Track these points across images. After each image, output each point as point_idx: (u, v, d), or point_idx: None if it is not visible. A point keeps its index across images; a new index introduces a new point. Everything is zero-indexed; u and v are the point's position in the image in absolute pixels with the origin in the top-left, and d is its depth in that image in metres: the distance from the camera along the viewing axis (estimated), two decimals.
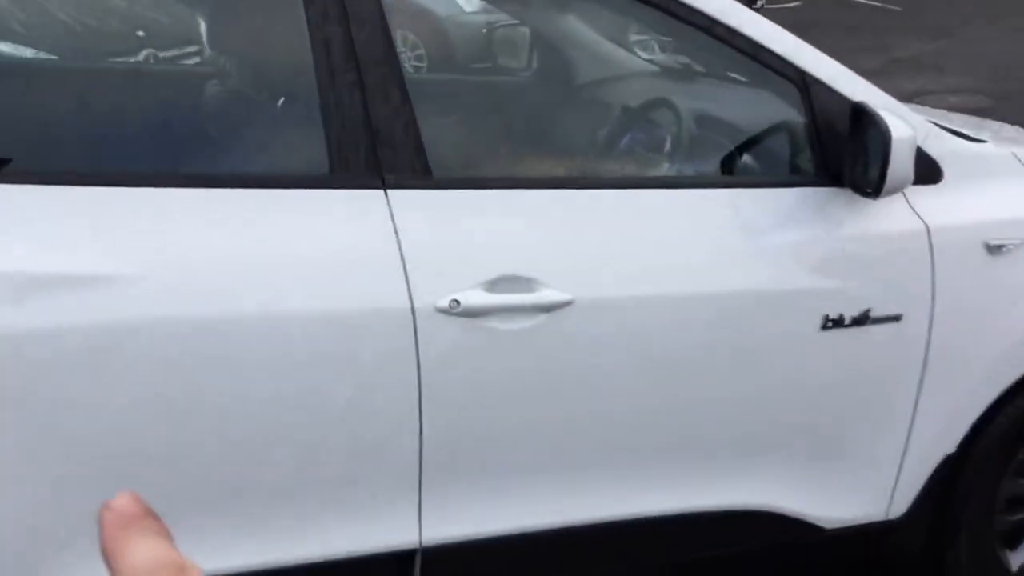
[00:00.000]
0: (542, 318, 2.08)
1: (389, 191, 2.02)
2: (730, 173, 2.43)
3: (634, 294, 2.16)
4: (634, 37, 3.73)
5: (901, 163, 2.13)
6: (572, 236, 2.14)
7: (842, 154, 2.25)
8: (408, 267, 1.99)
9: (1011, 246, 2.42)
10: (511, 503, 2.18)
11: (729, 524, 2.39)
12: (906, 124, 2.17)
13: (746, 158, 2.43)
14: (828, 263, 2.29)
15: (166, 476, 1.96)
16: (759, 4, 11.71)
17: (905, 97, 8.72)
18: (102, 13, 3.21)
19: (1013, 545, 2.75)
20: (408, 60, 4.65)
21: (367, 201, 2.02)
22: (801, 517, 2.43)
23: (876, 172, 2.14)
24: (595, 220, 2.17)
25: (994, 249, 2.41)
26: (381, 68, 2.06)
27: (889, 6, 14.65)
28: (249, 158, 2.21)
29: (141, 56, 3.16)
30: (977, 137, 2.67)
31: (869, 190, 2.18)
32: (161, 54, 3.17)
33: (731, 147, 2.48)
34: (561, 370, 2.14)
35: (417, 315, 1.99)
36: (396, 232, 2.00)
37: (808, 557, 2.58)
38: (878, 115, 2.15)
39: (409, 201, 2.03)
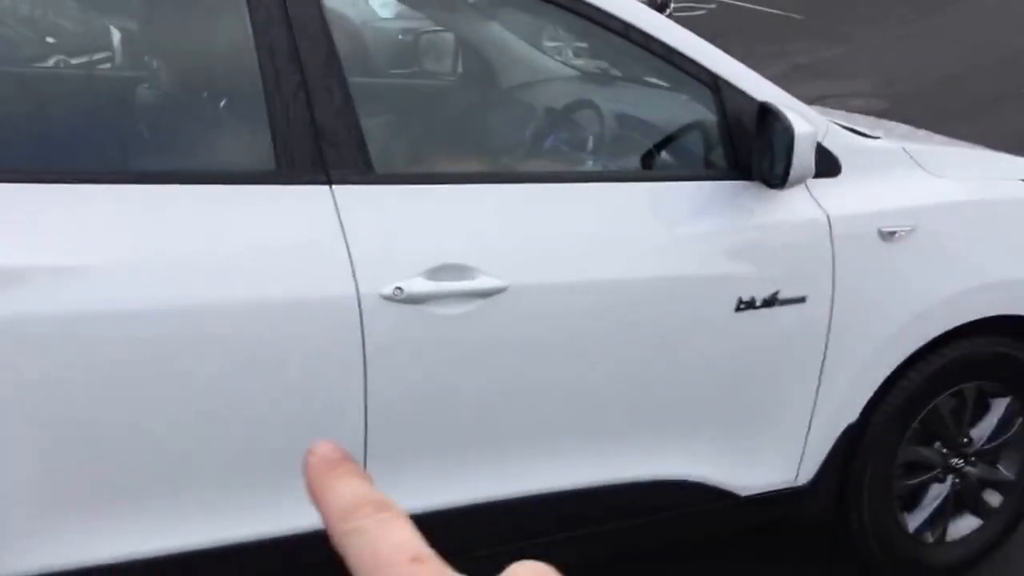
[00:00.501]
0: (479, 303, 2.21)
1: (334, 186, 2.13)
2: (650, 168, 2.60)
3: (563, 280, 2.31)
4: (549, 43, 3.89)
5: (803, 157, 2.31)
6: (506, 227, 2.29)
7: (751, 150, 2.43)
8: (353, 257, 2.10)
9: (902, 232, 2.62)
10: (453, 478, 2.30)
11: (654, 493, 2.55)
12: (807, 121, 2.36)
13: (664, 154, 2.60)
14: (740, 250, 2.47)
15: (121, 459, 2.05)
16: (667, 12, 11.99)
17: (807, 100, 9.01)
18: (13, 20, 3.25)
19: (911, 508, 2.97)
20: None
21: (313, 196, 2.13)
22: (719, 485, 2.60)
23: (781, 166, 2.32)
24: (526, 212, 2.32)
25: (887, 235, 2.60)
26: (324, 70, 2.17)
27: (791, 15, 15.07)
28: (199, 157, 2.31)
29: (51, 62, 3.22)
30: (871, 134, 2.87)
31: (775, 182, 2.36)
32: (72, 60, 3.23)
33: (650, 144, 2.65)
34: (497, 351, 2.28)
35: (363, 302, 2.11)
36: (341, 225, 2.11)
37: (725, 521, 2.74)
38: (782, 113, 2.33)
39: (353, 196, 2.15)
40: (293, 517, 2.16)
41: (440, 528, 2.29)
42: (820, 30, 13.88)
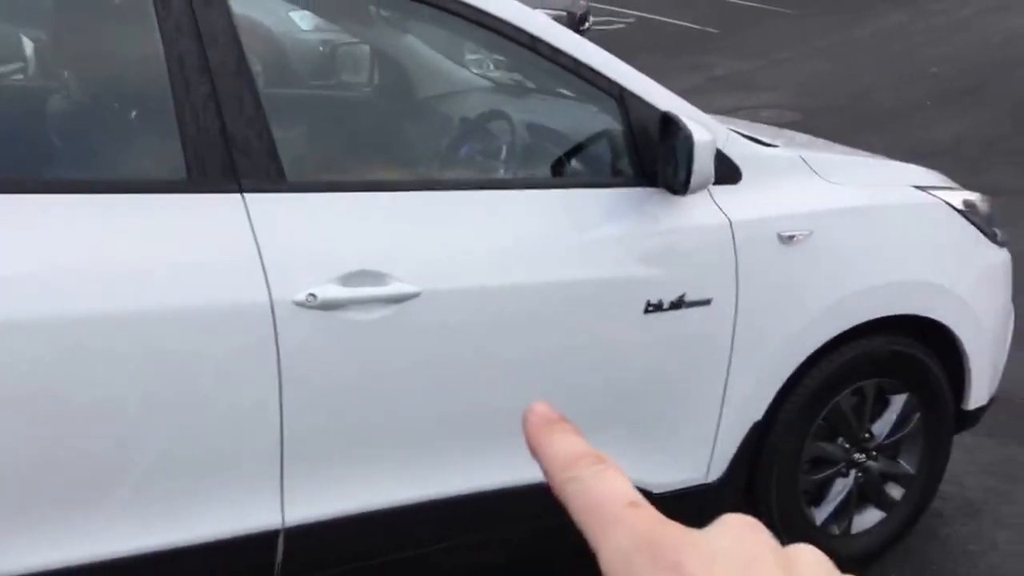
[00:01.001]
0: (392, 309, 2.23)
1: (245, 194, 2.14)
2: (560, 176, 2.65)
3: (475, 285, 2.34)
4: (470, 56, 3.92)
5: (703, 164, 2.38)
6: (419, 234, 2.31)
7: (655, 158, 2.49)
8: (266, 264, 2.11)
9: (800, 236, 2.70)
10: (370, 482, 2.31)
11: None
12: (707, 130, 2.42)
13: (574, 163, 2.65)
14: (647, 254, 2.52)
15: (35, 468, 2.02)
16: (587, 26, 12.13)
17: (723, 112, 9.13)
18: None
19: (817, 502, 3.05)
20: None
21: (224, 204, 2.13)
22: (633, 484, 2.64)
23: (683, 172, 2.38)
24: (440, 219, 2.35)
25: (786, 239, 2.68)
26: (234, 79, 2.18)
27: (707, 28, 15.36)
28: (110, 166, 2.30)
29: None
30: (771, 143, 2.96)
31: (678, 188, 2.42)
32: None
33: (561, 153, 2.70)
34: (411, 356, 2.30)
35: (276, 308, 2.11)
36: (253, 232, 2.12)
37: None
38: (683, 122, 2.39)
39: (265, 204, 2.16)
40: (210, 524, 2.15)
41: (357, 531, 2.31)
42: (736, 44, 14.17)
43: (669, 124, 2.43)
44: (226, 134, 2.14)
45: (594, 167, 2.65)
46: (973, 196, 3.22)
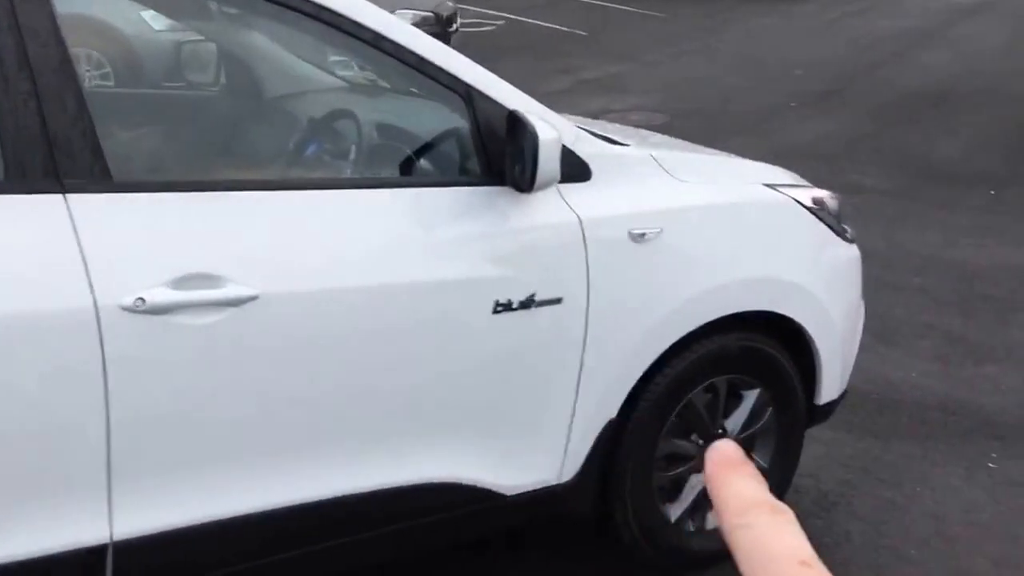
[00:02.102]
0: (228, 313, 2.21)
1: (68, 195, 2.09)
2: (408, 175, 2.66)
3: (318, 287, 2.33)
4: (334, 58, 3.90)
5: (548, 162, 2.43)
6: (258, 235, 2.29)
7: (502, 156, 2.53)
8: (90, 267, 2.07)
9: (651, 234, 2.78)
10: (204, 492, 2.28)
11: (421, 496, 2.60)
12: (552, 128, 2.47)
13: (423, 161, 2.67)
14: (496, 253, 2.55)
15: None
16: (454, 28, 12.18)
17: (591, 114, 9.32)
18: None
19: (672, 498, 3.13)
20: (93, 78, 4.61)
21: (45, 205, 2.08)
22: (485, 486, 2.67)
23: (528, 170, 2.43)
24: (280, 219, 2.34)
25: (637, 237, 2.75)
26: (56, 77, 2.13)
27: (577, 31, 15.60)
28: None
29: None
30: (622, 142, 3.04)
31: (524, 186, 2.46)
32: None
33: (409, 152, 2.71)
34: (250, 361, 2.28)
35: (100, 313, 2.07)
36: (76, 234, 2.07)
37: (494, 522, 2.82)
38: (528, 120, 2.43)
39: (88, 204, 2.11)
40: (31, 540, 2.10)
41: (193, 543, 2.28)
42: (605, 47, 14.43)
43: (515, 122, 2.47)
44: (47, 133, 2.09)
45: (442, 166, 2.67)
46: (822, 193, 3.36)
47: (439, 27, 11.78)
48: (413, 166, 2.67)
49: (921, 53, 14.10)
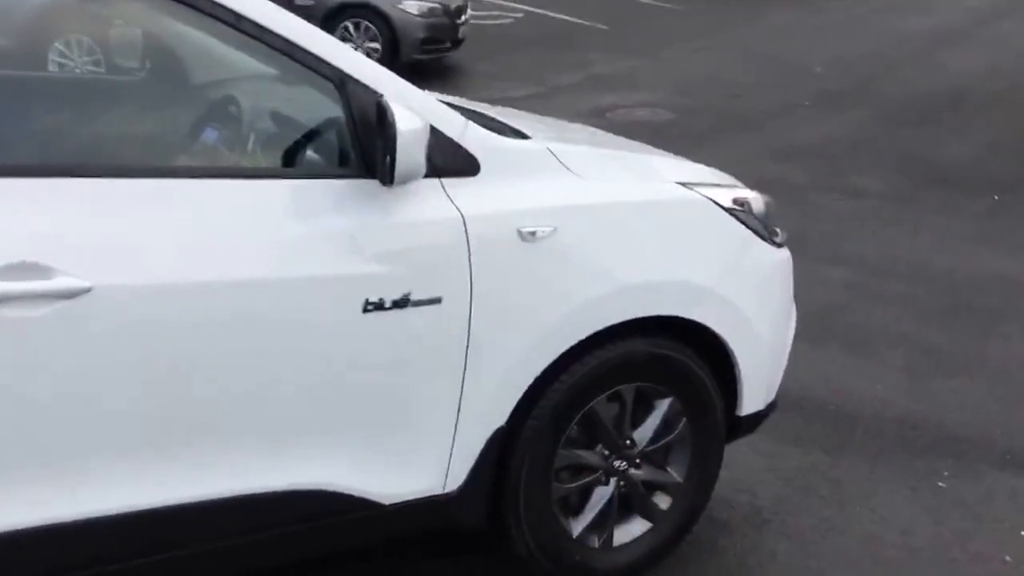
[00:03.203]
0: (59, 305, 2.12)
1: None
2: (279, 165, 2.56)
3: (163, 280, 2.23)
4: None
5: (409, 154, 2.31)
6: (95, 224, 2.19)
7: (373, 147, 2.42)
8: None
9: (542, 233, 2.65)
10: (35, 497, 2.20)
11: (289, 504, 2.50)
12: (417, 118, 2.35)
13: (292, 152, 2.56)
14: (367, 250, 2.44)
15: None
16: (463, 19, 12.09)
17: (600, 110, 9.27)
18: None
19: (576, 512, 3.01)
20: None
21: None
22: (361, 494, 2.57)
23: (388, 163, 2.32)
24: (121, 208, 2.23)
25: (527, 236, 2.63)
26: None
27: (597, 25, 15.47)
28: None
29: None
30: (524, 133, 2.92)
31: (386, 180, 2.35)
32: None
33: (279, 142, 2.60)
34: (81, 356, 2.18)
35: None
36: None
37: (373, 531, 2.71)
38: (389, 109, 2.33)
39: None
40: None
41: (41, 546, 2.17)
42: (623, 42, 14.29)
43: (380, 111, 2.37)
44: None
45: (315, 157, 2.54)
46: (747, 194, 3.20)
47: (447, 18, 11.73)
48: (286, 156, 2.57)
49: (947, 53, 13.85)
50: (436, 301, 2.53)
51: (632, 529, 3.11)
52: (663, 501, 3.14)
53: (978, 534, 3.55)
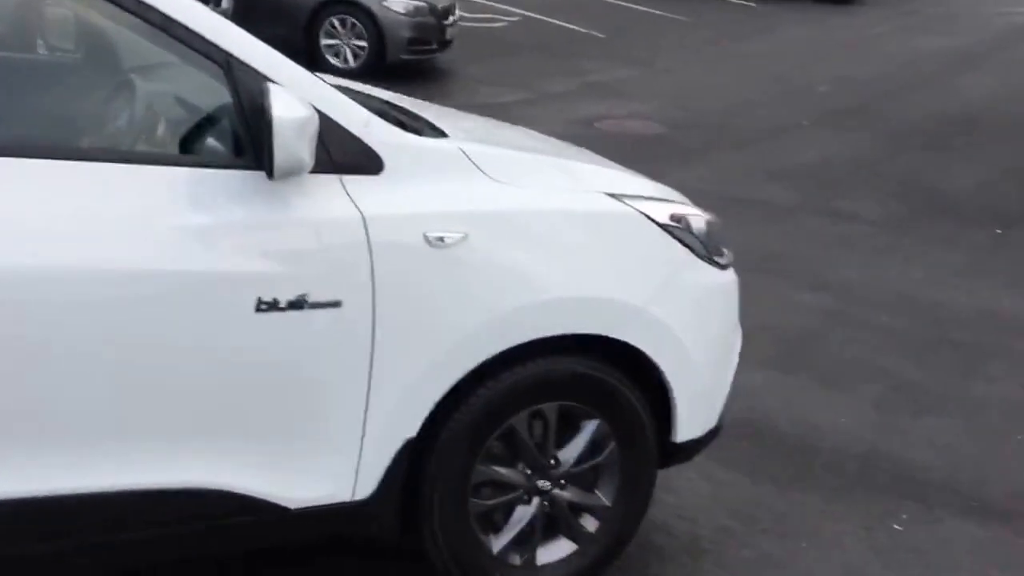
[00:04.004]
0: None
1: None
2: (174, 153, 2.61)
3: (43, 264, 2.30)
4: None
5: (288, 145, 2.35)
6: None
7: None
8: None
9: (451, 239, 2.69)
10: None
11: (184, 501, 2.56)
12: (302, 107, 2.38)
13: (192, 140, 2.61)
14: (259, 246, 2.49)
15: None
16: (451, 20, 12.21)
17: (590, 118, 9.34)
18: None
19: (497, 528, 3.07)
20: None
21: None
22: (260, 496, 2.62)
23: (266, 153, 2.37)
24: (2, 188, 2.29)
25: (435, 242, 2.67)
26: None
27: (594, 32, 15.60)
28: None
29: None
30: (442, 130, 2.98)
31: (267, 171, 2.39)
32: None
33: (176, 129, 2.65)
34: None
35: None
36: None
37: (275, 535, 2.78)
38: (269, 96, 2.36)
39: None
40: None
41: None
42: (619, 50, 14.42)
43: (263, 98, 2.39)
44: None
45: (211, 146, 2.60)
46: (684, 211, 3.22)
47: (433, 18, 11.85)
48: (183, 144, 2.61)
49: (962, 76, 13.97)
50: (335, 304, 2.58)
51: (557, 550, 3.16)
52: (590, 524, 3.20)
53: None
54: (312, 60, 11.09)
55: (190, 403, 2.53)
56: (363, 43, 11.66)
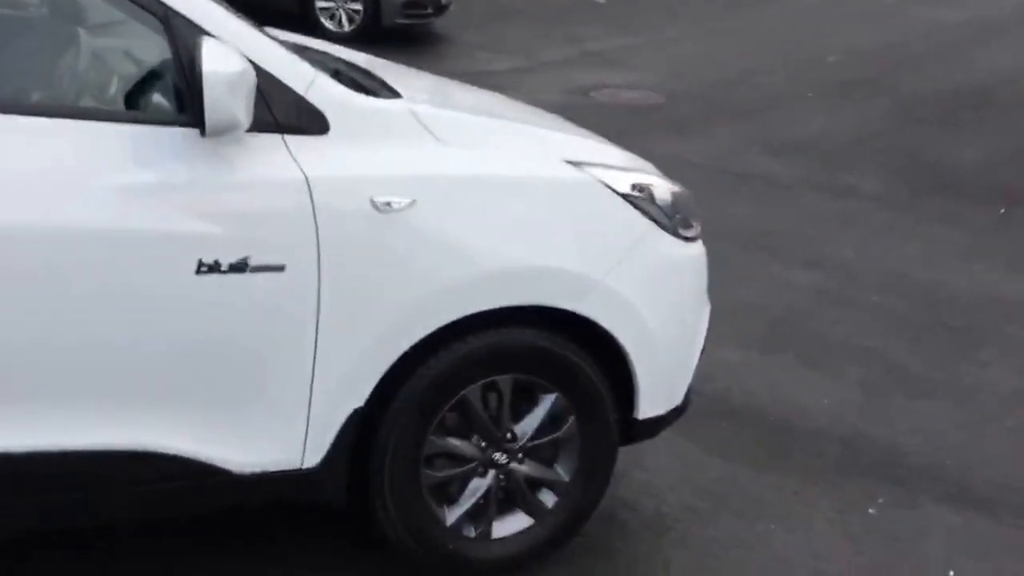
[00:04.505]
0: None
1: None
2: (110, 108, 2.65)
3: None
4: None
5: (218, 101, 2.37)
6: None
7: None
8: None
9: (398, 204, 2.72)
10: None
11: (123, 463, 2.63)
12: (237, 62, 2.41)
13: (137, 96, 2.65)
14: (202, 207, 2.53)
15: None
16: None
17: (585, 88, 9.31)
18: None
19: (452, 500, 3.13)
20: None
21: None
22: (203, 460, 2.68)
23: (196, 108, 2.40)
24: None
25: (382, 207, 2.70)
26: None
27: None
28: None
29: None
30: (396, 91, 3.02)
31: (200, 129, 2.43)
32: None
33: (120, 84, 2.69)
34: None
35: None
36: None
37: (219, 499, 2.85)
38: (201, 49, 2.39)
39: None
40: None
41: None
42: (620, 18, 14.38)
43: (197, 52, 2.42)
44: None
45: (155, 102, 2.63)
46: (648, 180, 3.24)
47: None
48: (128, 100, 2.65)
49: (980, 48, 13.92)
50: (279, 269, 2.62)
51: (514, 523, 3.23)
52: (549, 499, 3.25)
53: (897, 568, 3.64)
54: (307, 23, 11.13)
55: (130, 365, 2.58)
56: (358, 6, 11.72)
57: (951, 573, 3.64)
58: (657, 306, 3.19)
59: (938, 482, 4.20)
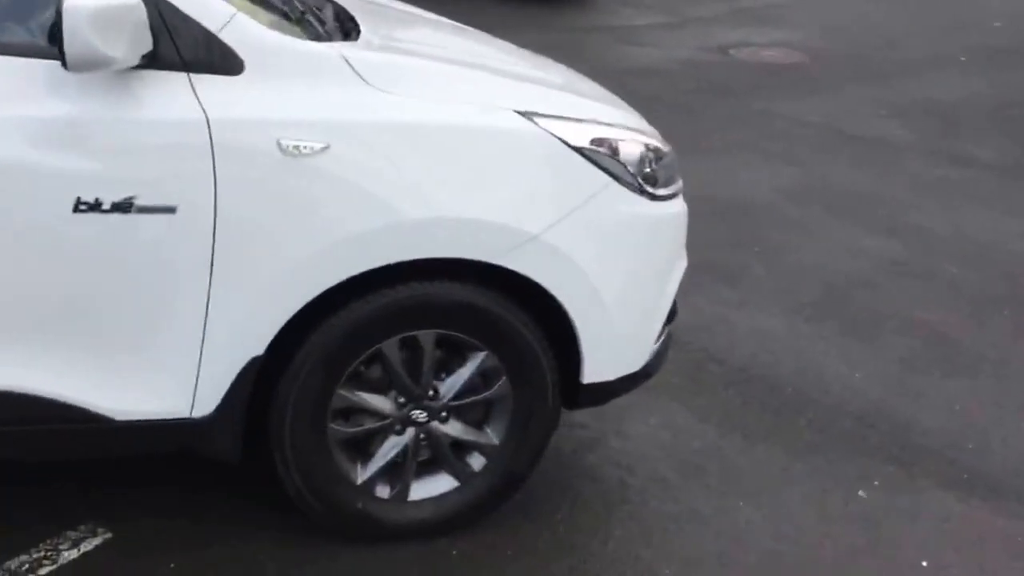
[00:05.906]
0: None
1: None
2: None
3: None
4: None
5: (81, 35, 2.16)
6: None
7: None
8: None
9: (309, 148, 2.47)
10: None
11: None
12: None
13: (22, 28, 2.43)
14: (84, 143, 2.34)
15: None
16: None
17: (727, 44, 8.82)
18: None
19: (364, 457, 2.88)
20: None
21: None
22: (81, 405, 2.50)
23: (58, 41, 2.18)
24: None
25: (289, 150, 2.46)
26: None
27: None
28: None
29: None
30: (362, 31, 2.83)
31: (64, 63, 2.21)
32: None
33: (7, 16, 2.48)
34: None
35: None
36: None
37: (98, 445, 2.66)
38: None
39: None
40: None
41: None
42: None
43: None
44: None
45: (25, 31, 2.42)
46: (615, 135, 2.86)
47: None
48: (12, 32, 2.43)
49: None
50: (169, 210, 2.41)
51: (435, 486, 2.96)
52: (477, 462, 2.98)
53: (863, 554, 3.19)
54: None
55: (2, 304, 2.42)
56: None
57: (924, 564, 3.19)
58: (610, 265, 2.84)
59: (950, 465, 3.69)
